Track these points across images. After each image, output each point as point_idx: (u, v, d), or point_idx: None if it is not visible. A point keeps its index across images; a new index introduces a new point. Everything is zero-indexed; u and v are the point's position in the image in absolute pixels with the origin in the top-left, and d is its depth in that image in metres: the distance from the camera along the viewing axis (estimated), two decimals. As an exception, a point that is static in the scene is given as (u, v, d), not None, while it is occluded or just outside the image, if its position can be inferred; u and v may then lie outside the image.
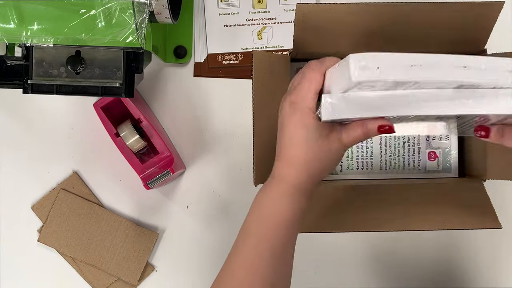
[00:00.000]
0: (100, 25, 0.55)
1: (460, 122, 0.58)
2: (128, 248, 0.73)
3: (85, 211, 0.74)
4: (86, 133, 0.75)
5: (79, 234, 0.73)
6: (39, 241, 0.74)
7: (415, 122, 0.60)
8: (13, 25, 0.55)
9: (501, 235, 0.74)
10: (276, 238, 0.52)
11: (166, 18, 0.63)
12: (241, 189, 0.74)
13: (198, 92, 0.75)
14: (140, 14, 0.55)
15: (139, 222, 0.75)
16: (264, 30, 0.75)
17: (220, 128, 0.75)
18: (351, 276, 0.75)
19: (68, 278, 0.74)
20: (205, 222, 0.75)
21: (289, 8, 0.75)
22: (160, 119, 0.75)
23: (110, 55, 0.60)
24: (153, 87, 0.75)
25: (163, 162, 0.68)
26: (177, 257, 0.75)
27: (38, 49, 0.60)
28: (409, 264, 0.75)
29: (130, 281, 0.73)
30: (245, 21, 0.75)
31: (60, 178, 0.75)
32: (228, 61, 0.75)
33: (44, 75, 0.61)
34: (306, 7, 0.59)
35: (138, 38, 0.55)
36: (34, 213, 0.75)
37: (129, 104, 0.67)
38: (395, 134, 0.62)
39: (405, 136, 0.71)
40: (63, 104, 0.75)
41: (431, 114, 0.47)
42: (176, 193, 0.75)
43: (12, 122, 0.75)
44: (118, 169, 0.74)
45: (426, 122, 0.63)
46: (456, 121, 0.59)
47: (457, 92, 0.46)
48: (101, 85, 0.61)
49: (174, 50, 0.75)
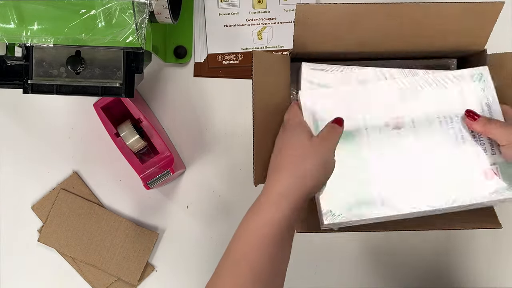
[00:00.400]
0: (100, 25, 0.55)
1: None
2: (128, 248, 0.73)
3: (85, 211, 0.74)
4: (86, 133, 0.75)
5: (79, 234, 0.73)
6: (39, 241, 0.74)
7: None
8: (13, 25, 0.55)
9: (501, 235, 0.74)
10: (257, 257, 0.51)
11: (166, 18, 0.63)
12: (241, 189, 0.74)
13: (198, 92, 0.75)
14: (140, 14, 0.55)
15: (139, 222, 0.75)
16: (264, 30, 0.75)
17: (220, 128, 0.75)
18: (351, 276, 0.75)
19: (68, 278, 0.74)
20: (205, 222, 0.75)
21: (289, 8, 0.75)
22: (160, 119, 0.75)
23: (110, 55, 0.60)
24: (153, 87, 0.75)
25: (163, 162, 0.68)
26: (177, 257, 0.75)
27: (38, 49, 0.60)
28: (409, 264, 0.75)
29: (130, 281, 0.73)
30: (245, 21, 0.75)
31: (60, 178, 0.75)
32: (228, 61, 0.75)
33: (44, 75, 0.61)
34: (306, 7, 0.59)
35: (138, 38, 0.55)
36: (34, 213, 0.75)
37: (129, 104, 0.67)
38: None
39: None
40: (63, 104, 0.75)
41: None
42: (176, 193, 0.75)
43: (12, 122, 0.75)
44: (118, 169, 0.74)
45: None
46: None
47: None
48: (101, 85, 0.61)
49: (174, 50, 0.75)
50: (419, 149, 0.60)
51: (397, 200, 0.59)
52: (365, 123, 0.61)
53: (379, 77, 0.64)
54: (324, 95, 0.61)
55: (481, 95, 0.61)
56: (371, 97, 0.61)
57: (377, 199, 0.59)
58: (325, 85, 0.63)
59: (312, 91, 0.62)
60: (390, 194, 0.59)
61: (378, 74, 0.64)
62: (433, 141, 0.60)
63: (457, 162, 0.60)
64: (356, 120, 0.61)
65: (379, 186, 0.59)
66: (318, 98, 0.61)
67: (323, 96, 0.61)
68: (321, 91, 0.62)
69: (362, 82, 0.64)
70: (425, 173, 0.60)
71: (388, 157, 0.60)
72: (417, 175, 0.60)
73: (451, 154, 0.60)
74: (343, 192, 0.59)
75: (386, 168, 0.60)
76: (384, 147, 0.60)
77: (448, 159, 0.60)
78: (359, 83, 0.63)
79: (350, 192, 0.59)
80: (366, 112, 0.61)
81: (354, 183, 0.59)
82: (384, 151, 0.60)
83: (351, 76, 0.64)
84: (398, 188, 0.59)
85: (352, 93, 0.62)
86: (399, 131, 0.61)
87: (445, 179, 0.60)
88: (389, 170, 0.60)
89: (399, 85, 0.62)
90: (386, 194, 0.59)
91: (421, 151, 0.60)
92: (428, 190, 0.59)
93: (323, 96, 0.61)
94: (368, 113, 0.61)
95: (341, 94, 0.61)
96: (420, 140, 0.60)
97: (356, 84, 0.63)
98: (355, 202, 0.58)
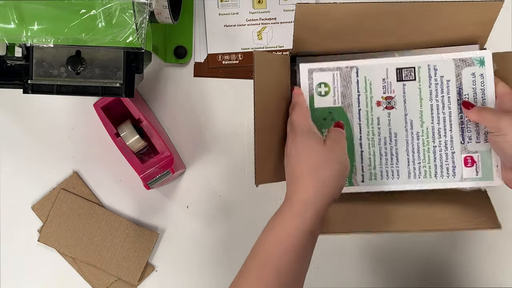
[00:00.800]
0: (100, 25, 0.55)
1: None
2: (128, 248, 0.73)
3: (85, 211, 0.74)
4: (86, 133, 0.75)
5: (79, 234, 0.73)
6: (39, 241, 0.74)
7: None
8: (13, 25, 0.55)
9: (501, 235, 0.74)
10: (283, 259, 0.52)
11: (166, 18, 0.63)
12: (241, 189, 0.74)
13: (198, 92, 0.75)
14: (140, 14, 0.55)
15: (139, 222, 0.75)
16: (264, 30, 0.75)
17: (220, 128, 0.75)
18: (351, 277, 0.75)
19: (68, 278, 0.74)
20: (205, 222, 0.75)
21: (289, 8, 0.75)
22: (160, 119, 0.75)
23: (110, 55, 0.60)
24: (153, 87, 0.75)
25: (163, 162, 0.68)
26: (177, 257, 0.75)
27: (38, 49, 0.60)
28: (409, 264, 0.75)
29: (130, 281, 0.73)
30: (245, 21, 0.75)
31: (60, 178, 0.75)
32: (228, 61, 0.75)
33: (44, 75, 0.61)
34: (306, 7, 0.59)
35: (138, 38, 0.55)
36: (34, 213, 0.75)
37: (129, 104, 0.67)
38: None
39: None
40: (63, 104, 0.75)
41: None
42: (176, 193, 0.75)
43: (12, 122, 0.75)
44: (118, 169, 0.74)
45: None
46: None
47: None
48: (101, 85, 0.61)
49: (174, 50, 0.75)
50: (408, 129, 0.64)
51: (378, 177, 0.65)
52: (358, 100, 0.64)
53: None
54: (323, 68, 0.65)
55: (478, 80, 0.63)
56: (367, 74, 0.65)
57: (358, 174, 0.65)
58: (324, 82, 0.65)
59: (310, 64, 0.65)
60: (371, 170, 0.65)
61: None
62: (423, 123, 0.64)
63: (441, 146, 0.64)
64: (350, 98, 0.65)
65: (363, 162, 0.65)
66: (318, 71, 0.65)
67: (321, 69, 0.65)
68: (319, 64, 0.65)
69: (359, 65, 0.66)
70: (410, 154, 0.64)
71: (376, 136, 0.65)
72: (402, 154, 0.64)
73: (437, 138, 0.64)
74: None
75: (371, 145, 0.65)
76: (374, 125, 0.64)
77: (433, 142, 0.64)
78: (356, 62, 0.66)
79: None
80: (361, 89, 0.65)
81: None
82: (372, 129, 0.64)
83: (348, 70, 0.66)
84: (379, 165, 0.65)
85: (349, 69, 0.65)
86: (390, 111, 0.64)
87: (427, 161, 0.64)
88: (374, 147, 0.65)
89: (395, 64, 0.65)
90: (367, 170, 0.65)
91: (409, 131, 0.64)
92: (406, 169, 0.64)
93: (321, 69, 0.65)
94: (362, 90, 0.65)
95: (337, 66, 0.65)
96: (409, 121, 0.64)
97: (353, 62, 0.65)
98: None
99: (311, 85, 0.65)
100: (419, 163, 0.64)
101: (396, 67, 0.64)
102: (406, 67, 0.64)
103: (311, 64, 0.65)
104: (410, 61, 0.64)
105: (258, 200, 0.74)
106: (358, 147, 0.65)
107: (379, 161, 0.64)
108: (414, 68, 0.64)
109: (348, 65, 0.64)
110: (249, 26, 0.75)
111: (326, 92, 0.65)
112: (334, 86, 0.65)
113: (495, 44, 0.65)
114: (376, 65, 0.64)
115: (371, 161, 0.65)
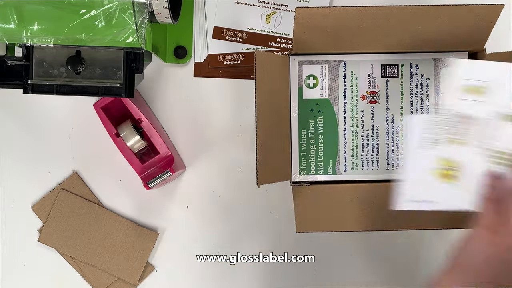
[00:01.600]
0: (100, 25, 0.55)
1: None
2: (128, 248, 0.73)
3: (85, 211, 0.74)
4: (86, 133, 0.75)
5: (79, 234, 0.73)
6: (39, 241, 0.74)
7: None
8: (13, 25, 0.55)
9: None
10: None
11: (166, 18, 0.63)
12: (241, 189, 0.74)
13: (198, 92, 0.75)
14: (140, 14, 0.55)
15: (139, 222, 0.75)
16: (274, 15, 0.75)
17: (220, 128, 0.75)
18: (351, 276, 0.75)
19: (68, 278, 0.74)
20: (205, 222, 0.75)
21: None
22: (160, 119, 0.75)
23: (110, 55, 0.60)
24: (153, 87, 0.75)
25: (163, 162, 0.68)
26: (177, 257, 0.75)
27: (38, 49, 0.60)
28: (409, 264, 0.75)
29: (130, 281, 0.73)
30: (257, 1, 0.75)
31: (60, 178, 0.75)
32: (230, 61, 0.75)
33: (44, 75, 0.61)
34: (306, 11, 0.59)
35: (138, 38, 0.55)
36: (34, 213, 0.75)
37: (129, 104, 0.67)
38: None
39: None
40: (63, 104, 0.75)
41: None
42: (176, 193, 0.75)
43: (12, 122, 0.75)
44: (118, 169, 0.74)
45: None
46: None
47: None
48: (101, 85, 0.61)
49: (174, 50, 0.75)
50: (388, 123, 0.68)
51: (359, 167, 0.68)
52: (344, 93, 0.67)
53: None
54: (312, 61, 0.68)
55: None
56: (353, 69, 0.67)
57: (341, 164, 0.68)
58: (313, 75, 0.68)
59: (300, 56, 0.68)
60: (353, 161, 0.68)
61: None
62: (402, 118, 0.68)
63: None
64: (336, 91, 0.68)
65: (346, 153, 0.68)
66: (307, 63, 0.68)
67: (311, 62, 0.68)
68: (308, 56, 0.68)
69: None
70: (390, 146, 0.68)
71: (360, 128, 0.68)
72: (382, 146, 0.68)
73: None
74: (315, 155, 0.68)
75: (354, 137, 0.68)
76: (358, 118, 0.68)
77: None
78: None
79: (320, 154, 0.68)
80: (347, 83, 0.67)
81: (325, 148, 0.68)
82: (356, 121, 0.68)
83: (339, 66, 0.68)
84: (361, 156, 0.68)
85: (337, 63, 0.68)
86: (373, 105, 0.68)
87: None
88: (356, 139, 0.68)
89: (380, 61, 0.67)
90: (349, 160, 0.68)
91: (390, 125, 0.68)
92: (385, 161, 0.68)
93: (310, 62, 0.68)
94: (348, 84, 0.67)
95: (326, 60, 0.68)
96: (390, 115, 0.68)
97: (341, 56, 0.68)
98: (323, 165, 0.68)
99: (300, 77, 0.68)
100: (397, 156, 0.68)
101: (381, 63, 0.67)
102: (391, 64, 0.68)
103: (301, 56, 0.68)
104: (394, 58, 0.67)
105: (258, 200, 0.74)
106: (342, 138, 0.68)
107: (361, 152, 0.69)
108: (397, 66, 0.67)
109: (336, 59, 0.67)
110: (259, 7, 0.75)
111: (315, 85, 0.68)
112: (322, 79, 0.68)
113: (495, 44, 0.65)
114: (362, 61, 0.67)
115: (353, 152, 0.69)
